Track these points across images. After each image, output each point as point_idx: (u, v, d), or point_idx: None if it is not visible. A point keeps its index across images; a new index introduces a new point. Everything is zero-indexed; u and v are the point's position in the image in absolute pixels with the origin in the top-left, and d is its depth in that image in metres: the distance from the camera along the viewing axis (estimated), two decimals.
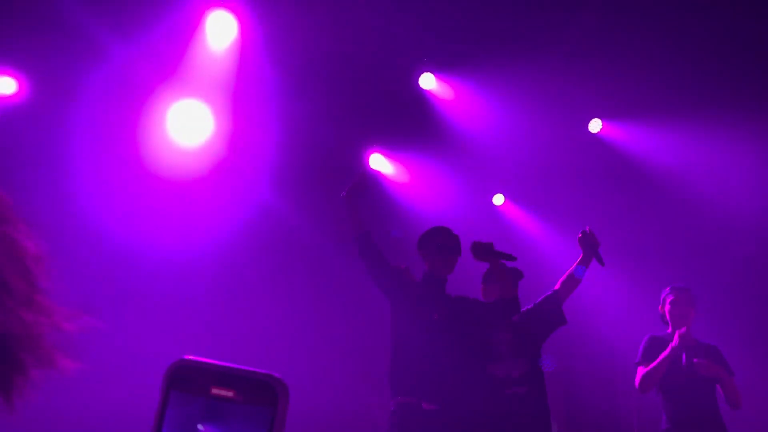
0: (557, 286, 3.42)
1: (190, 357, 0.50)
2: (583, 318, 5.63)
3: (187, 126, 5.14)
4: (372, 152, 6.04)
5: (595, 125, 5.74)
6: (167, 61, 4.75)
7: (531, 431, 3.11)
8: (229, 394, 0.49)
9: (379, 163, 6.09)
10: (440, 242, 3.30)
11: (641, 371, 3.48)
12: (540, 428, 3.12)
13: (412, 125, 5.75)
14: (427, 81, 5.40)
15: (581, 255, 3.40)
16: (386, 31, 4.88)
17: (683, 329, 3.40)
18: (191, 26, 4.65)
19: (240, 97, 5.06)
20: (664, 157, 5.60)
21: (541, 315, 3.34)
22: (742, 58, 4.74)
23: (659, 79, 4.99)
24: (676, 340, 3.40)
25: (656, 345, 3.50)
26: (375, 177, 3.40)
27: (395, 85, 5.44)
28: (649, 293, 4.60)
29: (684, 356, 3.46)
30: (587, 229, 3.42)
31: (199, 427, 0.48)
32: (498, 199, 6.55)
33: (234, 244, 5.44)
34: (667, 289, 3.64)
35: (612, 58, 4.89)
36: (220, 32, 4.70)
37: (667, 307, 3.57)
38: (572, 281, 3.40)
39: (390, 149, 6.03)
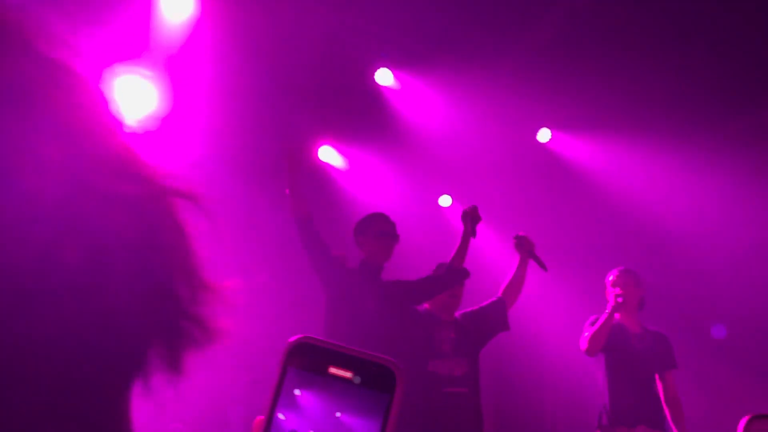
0: (500, 293, 3.46)
1: (311, 336, 0.50)
2: (519, 319, 5.75)
3: (134, 103, 4.97)
4: (322, 143, 6.01)
5: (544, 135, 5.86)
6: (117, 35, 4.58)
7: None
8: (348, 375, 0.48)
9: (328, 155, 6.05)
10: (378, 228, 3.26)
11: (587, 333, 3.43)
12: (474, 430, 3.15)
13: (365, 120, 5.73)
14: (384, 77, 5.39)
15: (518, 259, 3.46)
16: (347, 23, 4.85)
17: (618, 290, 3.39)
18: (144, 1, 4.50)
19: (190, 78, 4.93)
20: (607, 168, 5.77)
21: (486, 318, 3.37)
22: (687, 75, 4.92)
23: (611, 93, 5.13)
24: (612, 301, 3.37)
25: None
26: (306, 151, 3.33)
27: (351, 78, 5.41)
28: (586, 296, 4.72)
29: (632, 344, 3.44)
30: (521, 233, 3.50)
31: (317, 414, 0.48)
32: (445, 201, 6.61)
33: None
34: (613, 271, 3.60)
35: (567, 70, 5.00)
36: (175, 10, 4.56)
37: (608, 289, 3.54)
38: (513, 287, 3.46)
39: (341, 142, 6.00)
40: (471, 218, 3.44)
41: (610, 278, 3.55)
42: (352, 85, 5.46)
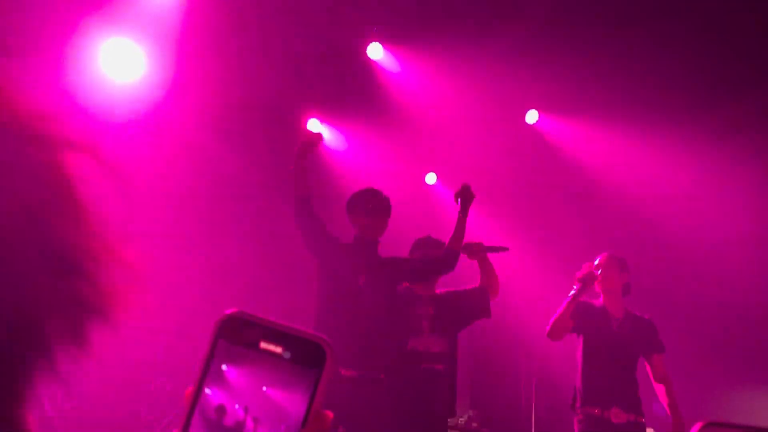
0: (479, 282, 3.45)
1: (242, 310, 0.50)
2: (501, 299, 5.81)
3: (121, 65, 4.90)
4: (310, 116, 5.97)
5: (531, 116, 5.87)
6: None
7: (438, 409, 3.16)
8: (278, 350, 0.49)
9: (316, 127, 6.01)
10: (368, 204, 3.23)
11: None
12: (446, 410, 3.19)
13: (355, 94, 5.70)
14: (375, 51, 5.35)
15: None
16: None
17: (589, 264, 3.40)
18: None
19: (180, 44, 4.86)
20: (594, 151, 5.80)
21: (468, 302, 3.39)
22: (675, 61, 4.94)
23: (600, 75, 5.14)
24: (580, 272, 3.37)
25: (582, 309, 3.47)
26: (323, 138, 3.30)
27: (342, 51, 5.36)
28: (570, 277, 4.78)
29: (612, 328, 3.45)
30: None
31: (246, 387, 0.48)
32: (430, 178, 6.62)
33: (169, 191, 5.24)
34: (601, 255, 3.60)
35: (556, 51, 4.99)
36: None
37: (598, 275, 3.52)
38: (485, 279, 3.44)
39: (330, 115, 5.97)
40: (464, 197, 3.37)
41: (596, 263, 3.57)
42: (342, 59, 5.41)
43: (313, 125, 5.97)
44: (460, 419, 5.74)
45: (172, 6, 4.57)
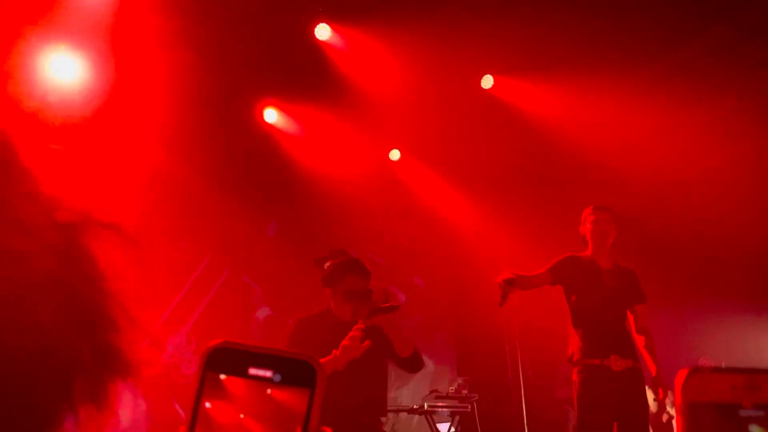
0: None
1: (226, 340, 0.50)
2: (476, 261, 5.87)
3: (64, 74, 4.75)
4: (265, 105, 5.88)
5: (487, 81, 5.87)
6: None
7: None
8: (267, 374, 0.49)
9: (272, 116, 5.93)
10: (348, 285, 2.74)
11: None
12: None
13: (308, 77, 5.62)
14: (323, 31, 5.27)
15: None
16: None
17: (506, 275, 3.24)
18: None
19: (122, 44, 4.72)
20: (553, 111, 5.84)
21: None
22: (630, 16, 4.98)
23: (548, 35, 5.15)
24: (500, 277, 3.21)
25: (570, 263, 3.48)
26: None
27: (290, 35, 5.27)
28: (537, 238, 4.76)
29: (604, 280, 3.45)
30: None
31: (240, 415, 0.49)
32: (394, 155, 6.60)
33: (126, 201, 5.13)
34: (589, 209, 3.58)
35: (504, 14, 4.98)
36: None
37: (588, 227, 3.52)
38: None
39: (284, 101, 5.89)
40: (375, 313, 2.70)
41: (590, 218, 3.55)
42: (291, 42, 5.33)
43: (270, 114, 5.90)
44: (450, 388, 5.81)
45: (107, 6, 4.43)
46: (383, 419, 2.83)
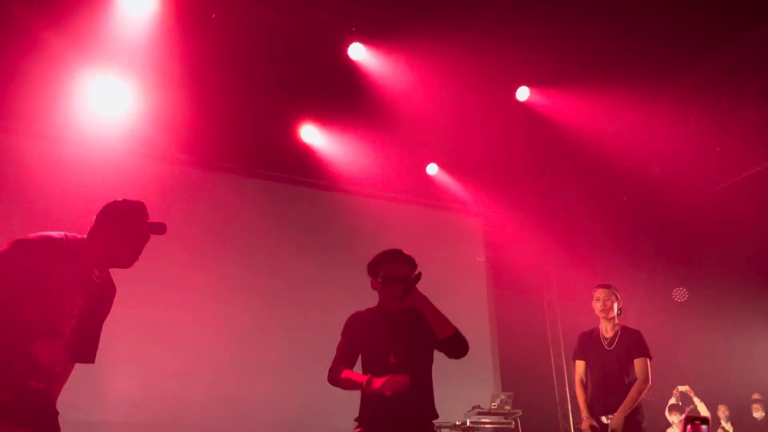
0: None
1: None
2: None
3: (110, 100, 4.99)
4: (303, 124, 6.00)
5: (522, 93, 5.84)
6: (85, 32, 4.56)
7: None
8: None
9: (311, 134, 6.04)
10: (386, 272, 2.75)
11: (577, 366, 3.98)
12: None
13: (343, 96, 5.71)
14: (357, 51, 5.35)
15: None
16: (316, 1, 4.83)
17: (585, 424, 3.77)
18: None
19: (164, 71, 4.92)
20: (589, 124, 5.77)
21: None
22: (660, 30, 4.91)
23: (581, 47, 5.12)
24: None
25: (584, 339, 4.01)
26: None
27: (325, 56, 5.37)
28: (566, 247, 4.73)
29: (603, 345, 3.89)
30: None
31: None
32: (431, 169, 6.63)
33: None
34: (594, 288, 4.00)
35: (536, 27, 4.98)
36: (140, 3, 4.52)
37: (593, 304, 3.98)
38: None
39: (321, 121, 6.00)
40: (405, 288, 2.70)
41: (594, 295, 3.98)
42: (327, 63, 5.42)
43: (308, 133, 6.01)
44: (492, 404, 5.73)
45: (148, 35, 4.62)
46: (434, 422, 2.82)
